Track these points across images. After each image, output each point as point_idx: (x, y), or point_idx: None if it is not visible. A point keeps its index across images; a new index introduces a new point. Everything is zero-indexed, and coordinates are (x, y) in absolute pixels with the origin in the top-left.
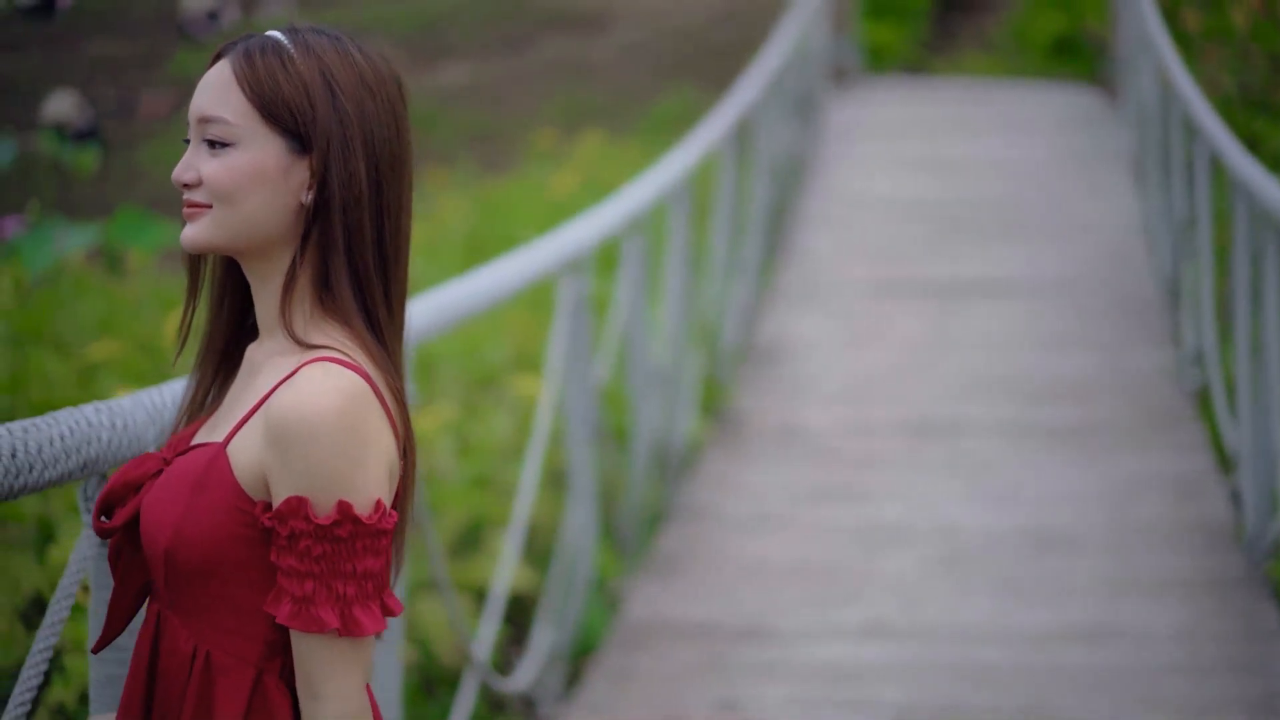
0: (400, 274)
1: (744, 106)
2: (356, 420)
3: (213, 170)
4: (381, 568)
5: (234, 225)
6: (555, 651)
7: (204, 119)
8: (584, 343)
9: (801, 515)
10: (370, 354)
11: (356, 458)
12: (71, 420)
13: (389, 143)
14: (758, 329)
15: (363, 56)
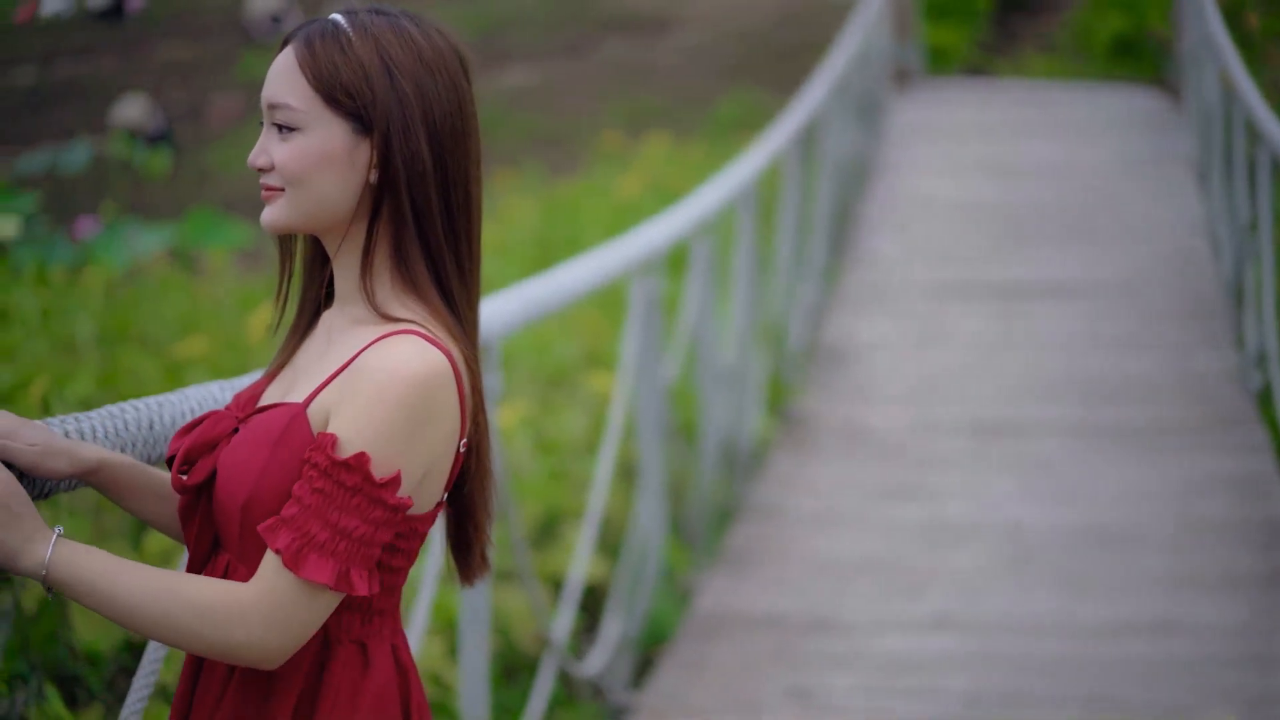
0: (472, 246)
1: (810, 110)
2: (428, 398)
3: (282, 155)
4: (363, 534)
5: (307, 206)
6: (625, 640)
7: (272, 105)
8: (654, 342)
9: (867, 513)
10: (448, 329)
11: (409, 431)
12: (199, 395)
13: (450, 117)
14: (823, 330)
15: (421, 34)
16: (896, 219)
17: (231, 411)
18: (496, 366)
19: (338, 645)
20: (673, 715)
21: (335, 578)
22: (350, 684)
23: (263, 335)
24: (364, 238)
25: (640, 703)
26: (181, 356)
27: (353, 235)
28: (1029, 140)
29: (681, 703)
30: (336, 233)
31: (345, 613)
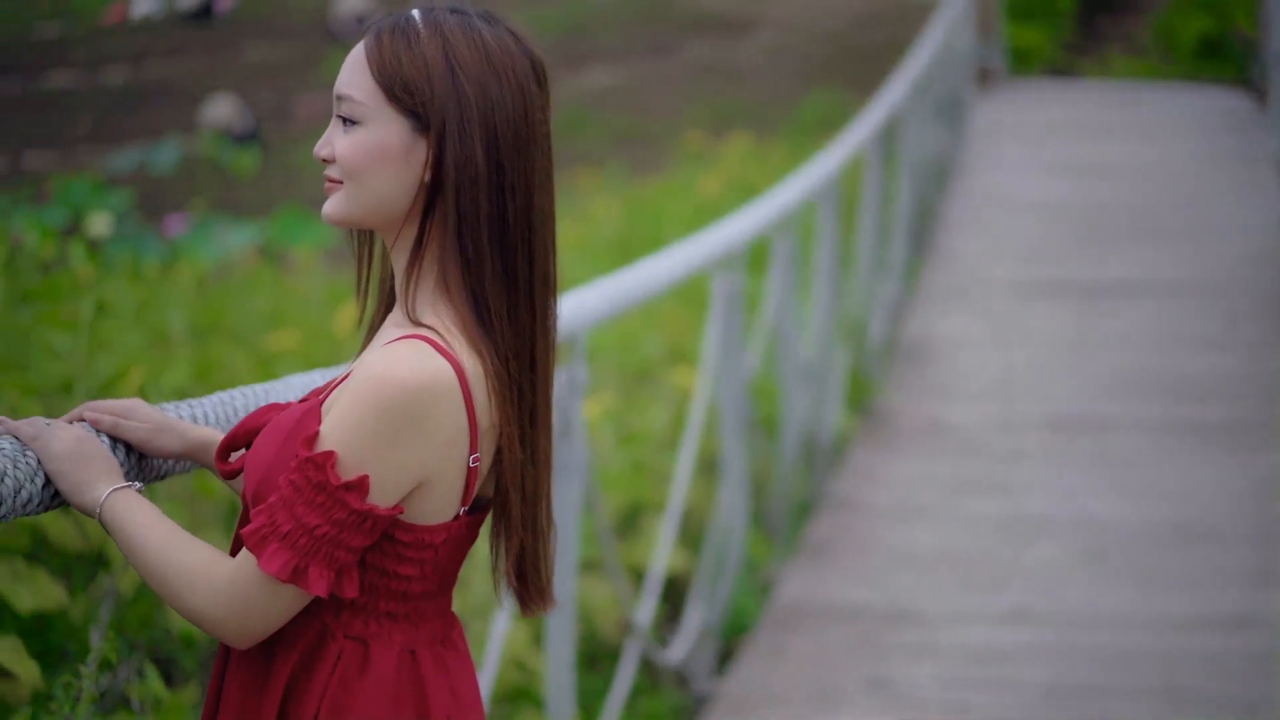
0: (534, 257)
1: (891, 108)
2: (414, 406)
3: (342, 148)
4: (326, 533)
5: (363, 201)
6: (707, 629)
7: (338, 96)
8: (736, 336)
9: (947, 507)
10: (472, 340)
11: (386, 437)
12: (302, 383)
13: (513, 123)
14: (903, 327)
15: (493, 35)
16: (978, 217)
17: (293, 403)
18: (582, 358)
19: (331, 640)
20: (753, 703)
21: (290, 571)
22: (342, 680)
23: (350, 329)
24: (414, 238)
25: (721, 691)
26: (272, 349)
27: (405, 234)
28: (1111, 140)
29: (762, 691)
30: (392, 230)
31: (345, 609)
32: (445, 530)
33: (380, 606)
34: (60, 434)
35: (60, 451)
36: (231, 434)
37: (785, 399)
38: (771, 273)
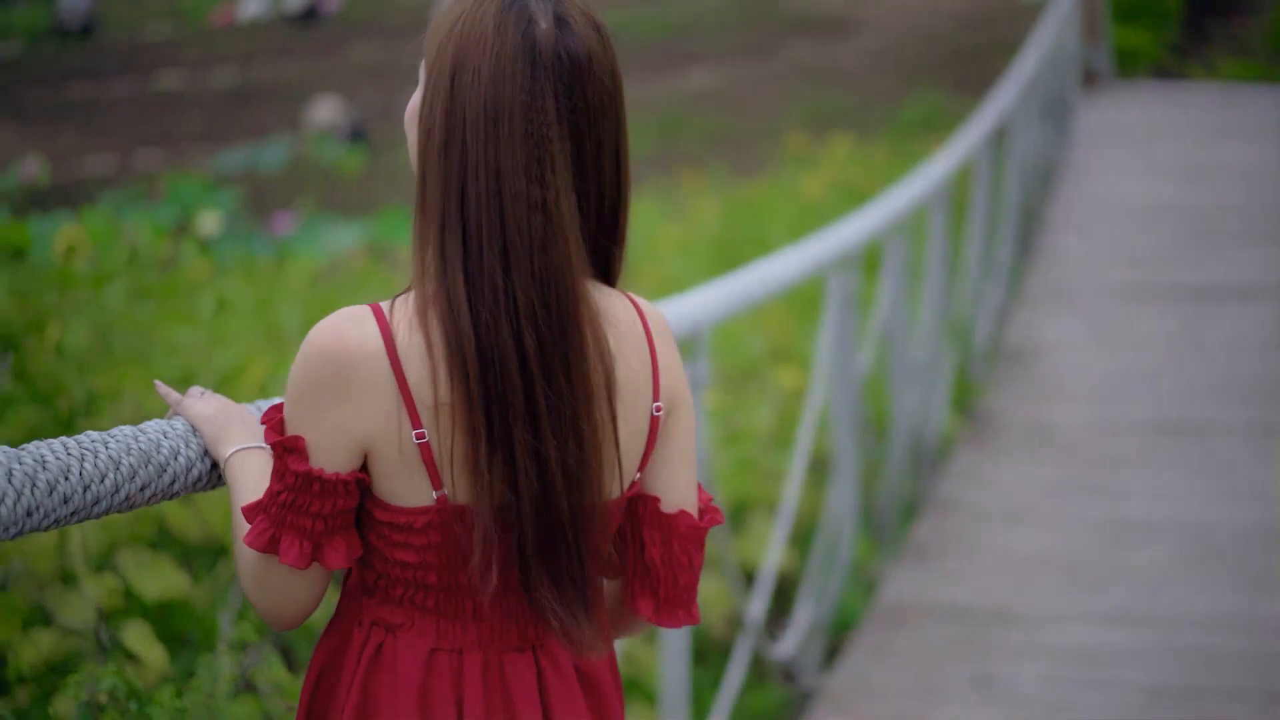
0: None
1: (1001, 111)
2: (334, 370)
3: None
4: (285, 500)
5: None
6: (815, 625)
7: None
8: (849, 336)
9: (1050, 509)
10: (420, 311)
11: (311, 400)
12: None
13: (484, 99)
14: (1008, 329)
15: (499, 6)
16: (1083, 220)
17: None
18: (705, 354)
19: (355, 626)
20: (858, 699)
21: (265, 541)
22: (368, 669)
23: None
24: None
25: (827, 686)
26: None
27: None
28: (1218, 142)
29: (867, 687)
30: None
31: (373, 595)
32: (425, 514)
33: (398, 593)
34: (210, 399)
35: (205, 413)
36: None
37: (895, 400)
38: (884, 275)
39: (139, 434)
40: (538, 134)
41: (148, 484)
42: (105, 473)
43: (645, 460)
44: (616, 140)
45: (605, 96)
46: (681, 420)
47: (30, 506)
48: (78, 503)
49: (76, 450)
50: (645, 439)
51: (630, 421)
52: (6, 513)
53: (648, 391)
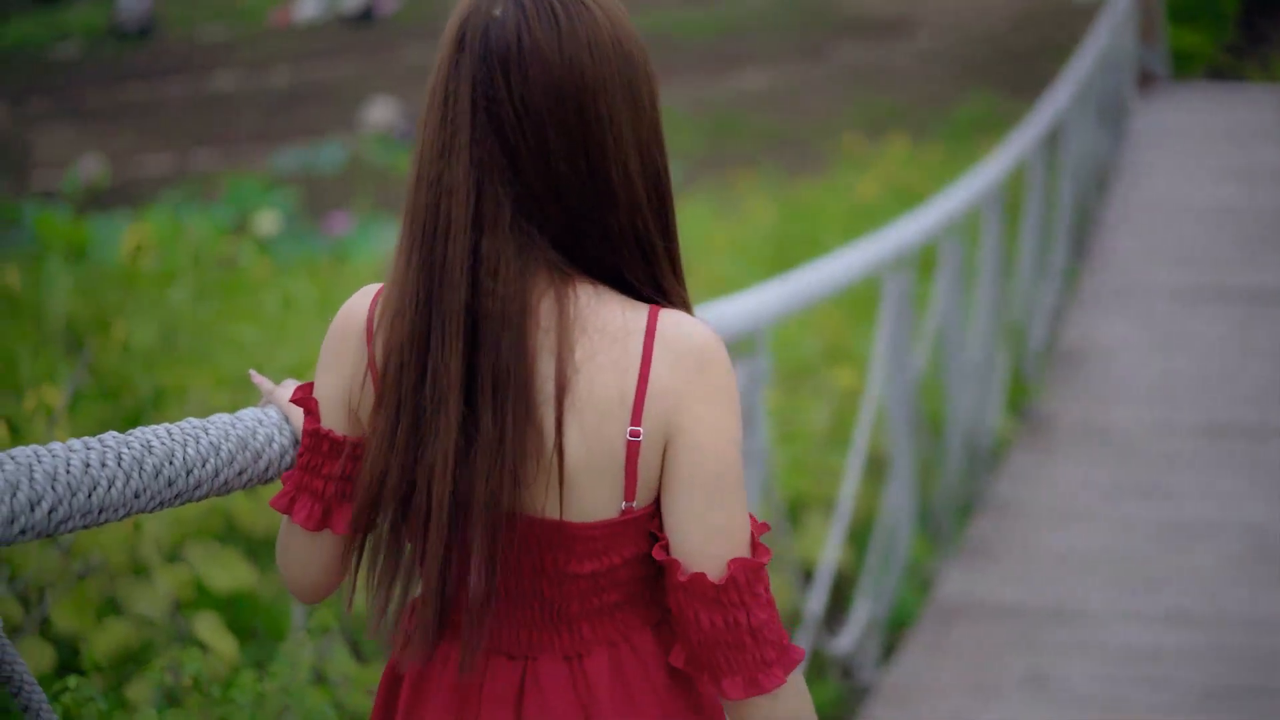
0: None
1: (1055, 114)
2: (333, 334)
3: None
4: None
5: None
6: (873, 622)
7: None
8: (905, 336)
9: (1105, 510)
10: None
11: (323, 363)
12: None
13: (431, 84)
14: (1063, 331)
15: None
16: (1138, 222)
17: None
18: (765, 352)
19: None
20: (914, 694)
21: (285, 501)
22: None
23: None
24: None
25: (884, 682)
26: None
27: None
28: (1274, 144)
29: (923, 683)
30: None
31: None
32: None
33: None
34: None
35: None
36: None
37: (950, 401)
38: (939, 275)
39: (236, 421)
40: (452, 122)
41: (244, 469)
42: (206, 458)
43: (631, 488)
44: (583, 143)
45: (553, 93)
46: (687, 452)
47: (139, 489)
48: (181, 486)
49: (180, 436)
50: (621, 463)
51: (591, 439)
52: (116, 495)
53: (623, 412)
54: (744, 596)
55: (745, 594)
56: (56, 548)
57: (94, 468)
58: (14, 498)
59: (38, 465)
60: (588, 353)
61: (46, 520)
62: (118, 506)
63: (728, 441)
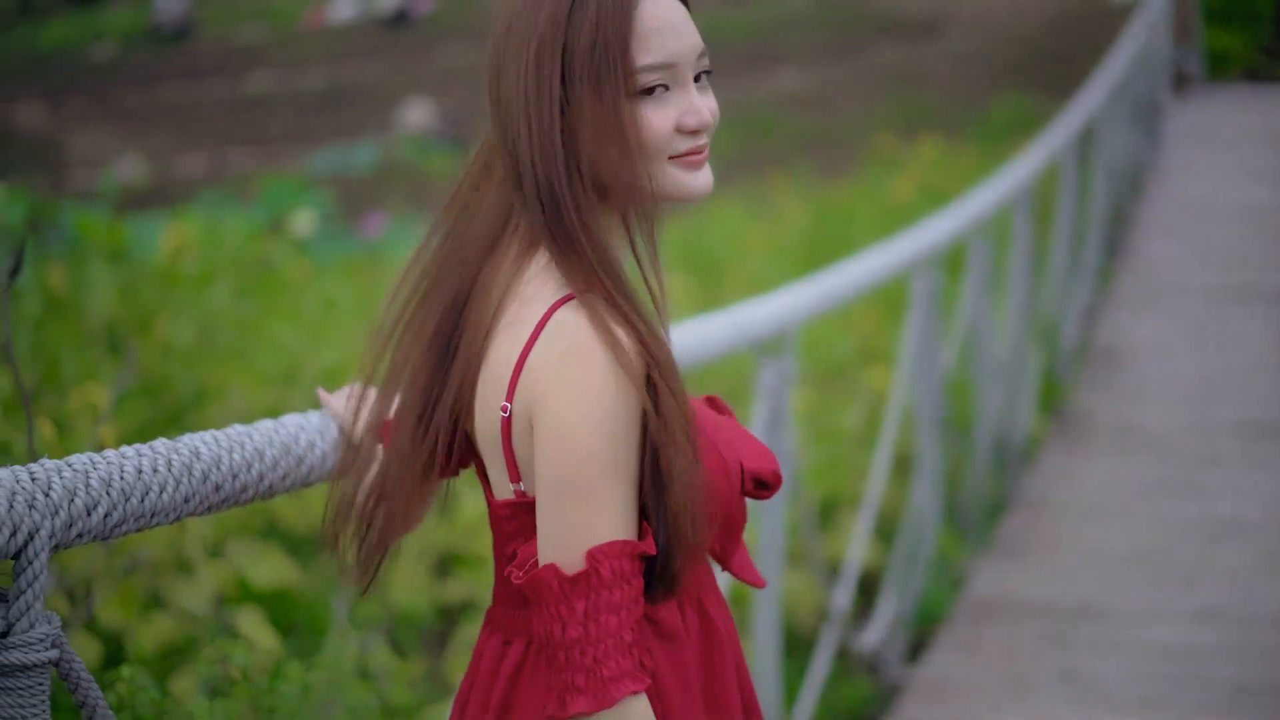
0: None
1: (1088, 114)
2: None
3: (714, 103)
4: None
5: None
6: (899, 618)
7: (702, 52)
8: (933, 335)
9: (1138, 508)
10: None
11: None
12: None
13: None
14: (1096, 330)
15: None
16: (1172, 223)
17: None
18: (793, 352)
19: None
20: (945, 691)
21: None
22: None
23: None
24: None
25: (914, 679)
26: None
27: None
28: None
29: (954, 680)
30: None
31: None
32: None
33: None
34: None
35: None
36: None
37: (979, 399)
38: (968, 275)
39: (279, 427)
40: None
41: (288, 473)
42: (251, 463)
43: (513, 468)
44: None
45: (496, 48)
46: (539, 444)
47: (188, 493)
48: (228, 490)
49: (226, 442)
50: (499, 442)
51: (485, 409)
52: (167, 499)
53: (502, 387)
54: (558, 609)
55: (559, 606)
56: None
57: (145, 473)
58: (71, 503)
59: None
60: (507, 320)
61: (103, 524)
62: (169, 510)
63: (583, 445)
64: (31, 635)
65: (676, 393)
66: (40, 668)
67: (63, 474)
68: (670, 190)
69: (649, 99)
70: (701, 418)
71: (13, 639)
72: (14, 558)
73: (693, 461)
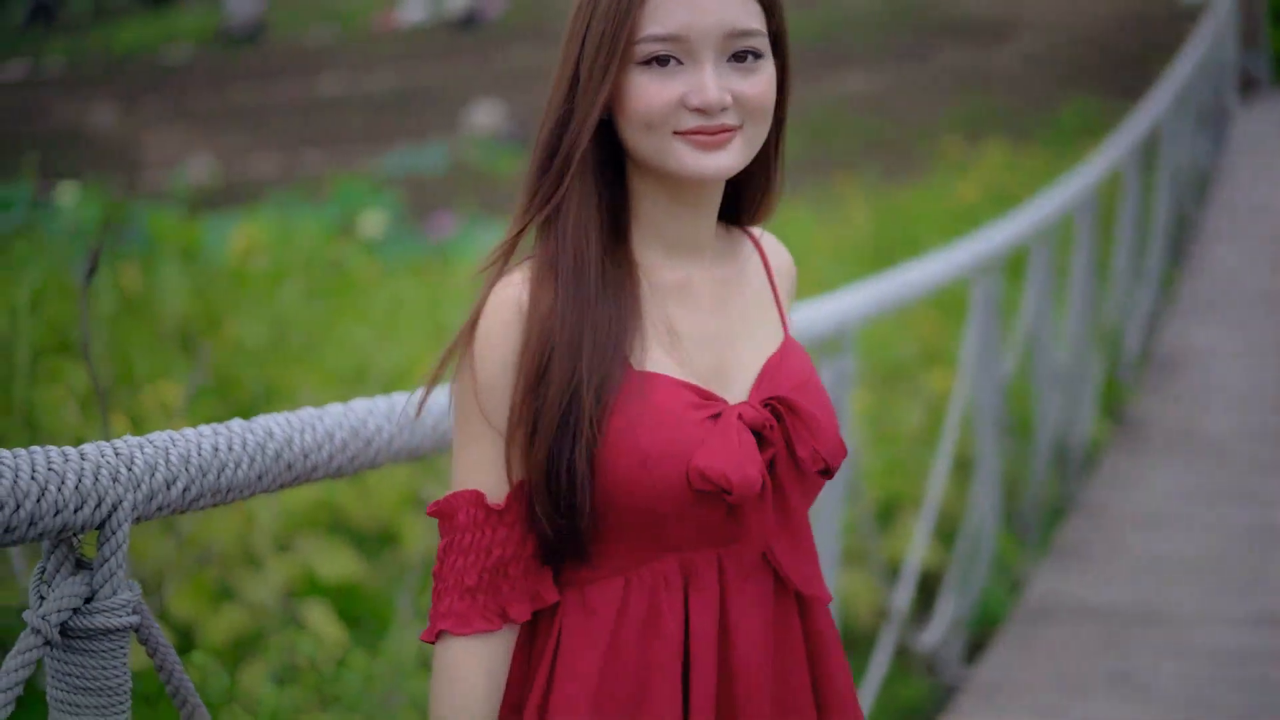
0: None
1: (1152, 120)
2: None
3: (757, 87)
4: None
5: (757, 143)
6: (958, 619)
7: (737, 33)
8: (993, 340)
9: (1197, 513)
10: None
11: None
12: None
13: None
14: (1159, 336)
15: None
16: (1237, 228)
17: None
18: (851, 352)
19: None
20: (1002, 692)
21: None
22: None
23: None
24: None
25: (971, 679)
26: None
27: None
28: None
29: (1011, 680)
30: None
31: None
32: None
33: None
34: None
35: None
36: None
37: (1039, 404)
38: (1029, 280)
39: (348, 411)
40: None
41: (356, 455)
42: (321, 443)
43: None
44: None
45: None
46: None
47: (261, 471)
48: (299, 469)
49: (298, 423)
50: None
51: None
52: (242, 476)
53: None
54: (440, 541)
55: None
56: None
57: (221, 451)
58: (152, 477)
59: (173, 448)
60: None
61: (181, 498)
62: (243, 487)
63: (453, 401)
64: (114, 601)
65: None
66: (122, 632)
67: (144, 450)
68: (674, 166)
69: (653, 70)
70: (650, 405)
71: (97, 604)
72: (98, 528)
73: (559, 430)
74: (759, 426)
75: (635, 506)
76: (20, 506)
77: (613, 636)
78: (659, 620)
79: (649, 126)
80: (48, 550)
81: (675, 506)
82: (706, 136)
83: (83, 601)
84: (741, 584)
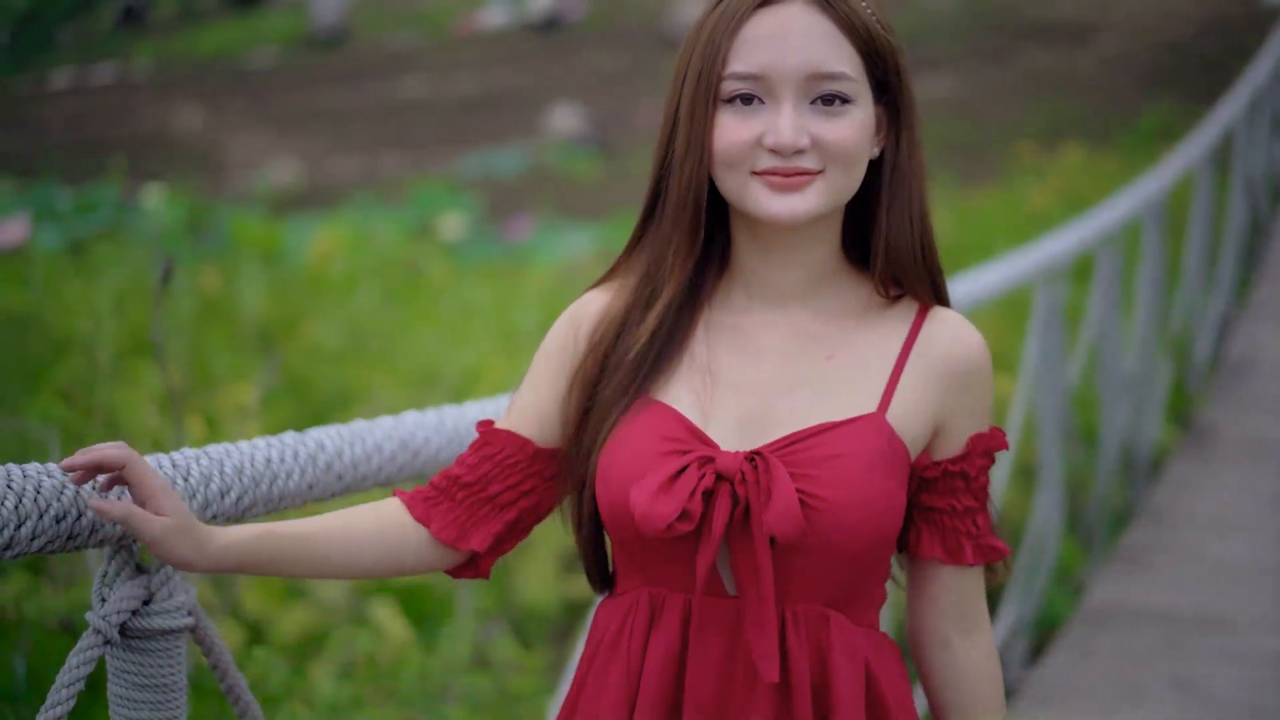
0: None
1: (1225, 125)
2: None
3: (840, 132)
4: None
5: (842, 190)
6: (1019, 623)
7: (822, 75)
8: (1057, 347)
9: (1263, 520)
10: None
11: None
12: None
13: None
14: (1231, 342)
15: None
16: None
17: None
18: None
19: None
20: (1061, 694)
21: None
22: None
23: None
24: (839, 220)
25: (1031, 681)
26: None
27: (835, 217)
28: None
29: (1070, 683)
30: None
31: None
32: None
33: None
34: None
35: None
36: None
37: (1105, 410)
38: (1095, 287)
39: (398, 423)
40: None
41: (404, 466)
42: (370, 455)
43: None
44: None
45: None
46: None
47: (312, 481)
48: (350, 479)
49: (349, 435)
50: None
51: None
52: (294, 486)
53: None
54: None
55: None
56: None
57: (274, 462)
58: (208, 488)
59: (227, 460)
60: None
61: (235, 507)
62: (295, 496)
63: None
64: (171, 604)
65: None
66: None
67: (200, 461)
68: (751, 206)
69: (736, 108)
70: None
71: (154, 606)
72: None
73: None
74: (730, 476)
75: (609, 524)
76: (83, 515)
77: (592, 653)
78: (617, 648)
79: (729, 165)
80: (109, 555)
81: (630, 533)
82: (781, 178)
83: (141, 604)
84: (705, 636)
